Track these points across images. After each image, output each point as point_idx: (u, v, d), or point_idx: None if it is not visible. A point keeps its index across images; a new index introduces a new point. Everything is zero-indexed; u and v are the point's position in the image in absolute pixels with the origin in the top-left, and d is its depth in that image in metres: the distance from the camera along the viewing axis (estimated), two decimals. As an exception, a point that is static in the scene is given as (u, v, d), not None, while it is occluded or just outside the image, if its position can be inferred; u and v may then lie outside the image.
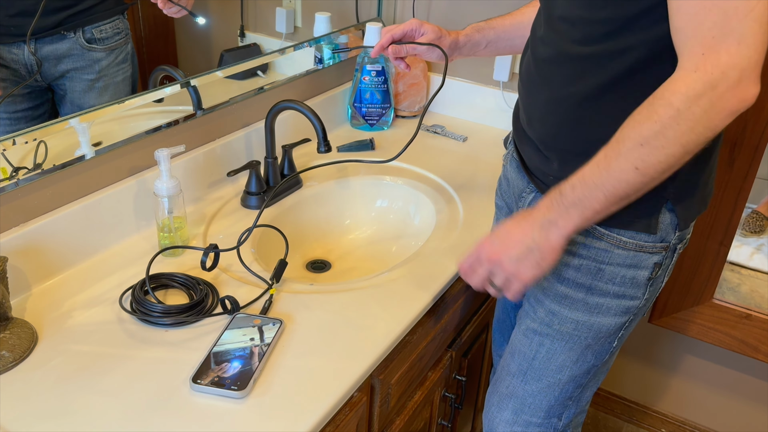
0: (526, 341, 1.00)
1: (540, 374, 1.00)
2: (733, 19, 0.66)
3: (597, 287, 0.92)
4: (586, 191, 0.79)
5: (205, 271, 1.01)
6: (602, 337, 0.96)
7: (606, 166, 0.76)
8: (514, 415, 1.03)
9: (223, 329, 0.91)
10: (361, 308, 0.98)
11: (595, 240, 0.90)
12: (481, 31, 1.10)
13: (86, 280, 1.02)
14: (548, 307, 0.96)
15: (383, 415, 1.00)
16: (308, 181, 1.35)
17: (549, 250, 0.84)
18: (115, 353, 0.88)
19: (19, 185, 0.96)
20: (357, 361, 0.88)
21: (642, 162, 0.73)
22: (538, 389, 1.01)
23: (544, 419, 1.02)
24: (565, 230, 0.82)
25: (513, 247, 0.85)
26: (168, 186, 1.05)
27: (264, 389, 0.83)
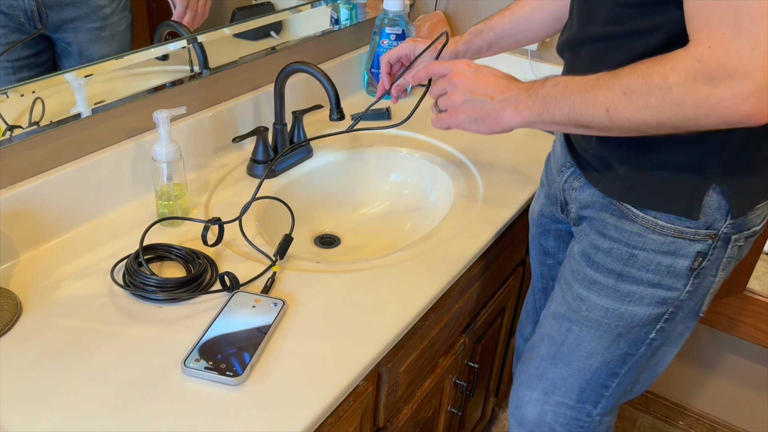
0: (555, 324, 0.95)
1: (569, 359, 0.94)
2: (746, 19, 0.61)
3: (629, 274, 0.86)
4: (559, 97, 0.77)
5: (207, 246, 0.94)
6: (635, 326, 0.89)
7: (589, 87, 0.73)
8: (544, 395, 0.98)
9: (221, 308, 0.84)
10: (370, 290, 0.90)
11: (627, 222, 0.84)
12: (480, 34, 1.06)
13: (78, 248, 0.95)
14: (576, 291, 0.91)
15: (390, 405, 0.94)
16: (319, 151, 1.27)
17: (493, 118, 0.83)
18: (104, 330, 0.81)
19: (13, 141, 0.89)
20: (364, 348, 0.81)
21: (615, 108, 0.71)
22: (569, 373, 0.95)
23: (577, 402, 0.96)
24: (520, 115, 0.81)
25: (477, 88, 0.84)
26: (167, 150, 0.98)
27: (261, 376, 0.76)
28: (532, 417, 1.00)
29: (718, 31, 0.62)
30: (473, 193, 1.16)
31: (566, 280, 0.93)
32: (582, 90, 0.74)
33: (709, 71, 0.63)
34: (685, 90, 0.65)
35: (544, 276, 1.14)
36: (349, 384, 0.77)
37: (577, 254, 0.92)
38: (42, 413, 0.70)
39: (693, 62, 0.64)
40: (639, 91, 0.68)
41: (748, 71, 0.61)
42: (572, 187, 0.93)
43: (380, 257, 0.98)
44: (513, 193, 1.15)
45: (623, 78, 0.70)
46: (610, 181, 0.85)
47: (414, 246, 1.01)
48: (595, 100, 0.72)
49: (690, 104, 0.65)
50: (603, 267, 0.87)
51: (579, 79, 0.75)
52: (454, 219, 1.09)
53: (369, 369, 0.80)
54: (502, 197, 1.14)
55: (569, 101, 0.75)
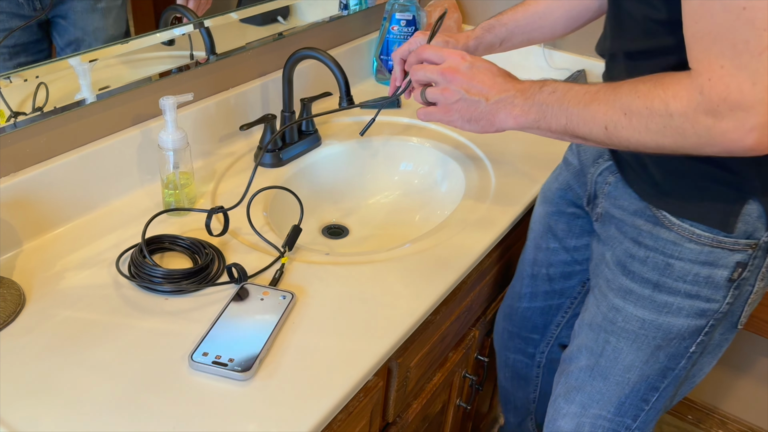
0: (592, 336, 0.91)
1: (607, 372, 0.90)
2: (745, 54, 0.59)
3: (665, 284, 0.82)
4: (556, 106, 0.74)
5: (212, 236, 0.92)
6: (674, 338, 0.85)
7: (588, 101, 0.72)
8: (581, 408, 0.94)
9: (228, 300, 0.82)
10: (380, 283, 0.88)
11: (663, 230, 0.80)
12: (492, 30, 1.02)
13: (82, 237, 0.93)
14: (612, 301, 0.87)
15: (400, 400, 0.92)
16: (327, 139, 1.24)
17: (487, 120, 0.80)
18: (109, 321, 0.79)
19: (18, 128, 0.87)
20: (375, 343, 0.79)
21: (614, 127, 0.69)
22: (606, 387, 0.91)
23: (615, 416, 0.92)
24: (515, 120, 0.78)
25: (472, 87, 0.80)
26: (174, 138, 0.96)
27: (270, 371, 0.74)
28: (568, 430, 0.96)
29: (716, 65, 0.61)
30: (485, 185, 1.13)
31: (601, 290, 0.89)
32: (581, 102, 0.72)
33: (710, 104, 0.62)
34: (686, 120, 0.63)
35: (538, 262, 1.08)
36: (360, 380, 0.75)
37: (611, 262, 0.88)
38: (45, 408, 0.68)
39: (695, 93, 0.63)
40: (639, 114, 0.67)
41: (750, 106, 0.60)
42: (606, 182, 0.90)
43: (390, 249, 0.96)
44: (526, 184, 1.13)
45: (623, 96, 0.68)
46: (645, 184, 0.82)
47: (425, 238, 0.99)
48: (594, 116, 0.71)
49: (691, 134, 0.64)
50: (639, 276, 0.84)
51: (578, 88, 0.73)
52: (465, 211, 1.07)
53: (380, 364, 0.78)
54: (514, 189, 1.12)
55: (567, 112, 0.74)
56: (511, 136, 1.28)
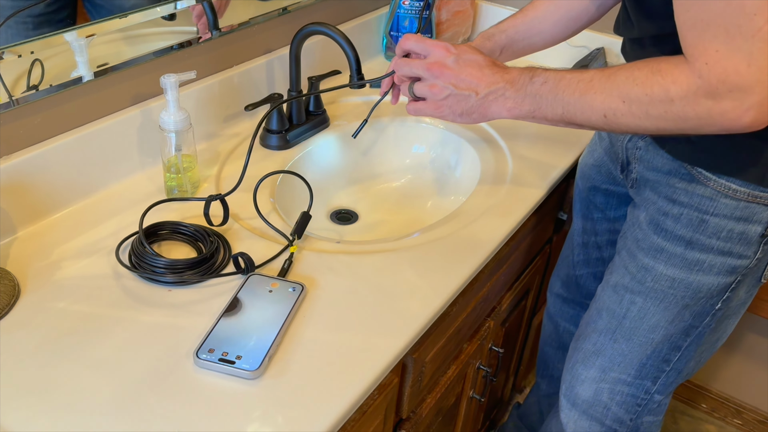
0: (615, 298, 0.91)
1: (631, 333, 0.91)
2: (738, 38, 0.61)
3: (698, 241, 0.82)
4: (551, 96, 0.75)
5: (211, 226, 0.87)
6: (702, 297, 0.85)
7: (584, 90, 0.73)
8: (601, 373, 0.95)
9: (235, 292, 0.78)
10: (395, 274, 0.84)
11: (698, 185, 0.80)
12: (492, 38, 1.00)
13: (80, 224, 0.89)
14: (642, 261, 0.87)
15: (414, 395, 0.88)
16: (336, 120, 1.19)
17: (479, 113, 0.80)
18: (109, 315, 0.75)
19: (16, 106, 0.82)
20: (390, 338, 0.75)
21: (613, 115, 0.71)
22: (629, 348, 0.92)
23: (635, 378, 0.93)
24: (509, 112, 0.79)
25: (461, 81, 0.79)
26: (176, 119, 0.90)
27: (280, 369, 0.70)
28: (586, 396, 0.97)
29: (711, 49, 0.63)
30: (501, 169, 1.08)
31: (629, 251, 0.89)
32: (576, 91, 0.73)
33: (710, 87, 0.63)
34: (687, 103, 0.65)
35: (587, 230, 1.10)
36: (376, 378, 0.71)
37: (643, 222, 0.88)
38: (41, 408, 0.64)
39: (693, 78, 0.64)
40: (639, 101, 0.68)
41: (747, 86, 0.62)
42: (637, 147, 0.89)
43: (404, 238, 0.91)
44: (544, 168, 1.08)
45: (620, 85, 0.70)
46: (679, 144, 0.81)
47: (440, 226, 0.94)
48: (591, 104, 0.72)
49: (692, 116, 0.66)
50: (671, 234, 0.83)
51: (570, 77, 0.74)
52: (481, 196, 1.02)
53: (396, 361, 0.74)
54: (532, 173, 1.07)
55: (562, 102, 0.74)
56: (528, 117, 1.22)
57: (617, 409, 0.96)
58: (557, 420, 1.05)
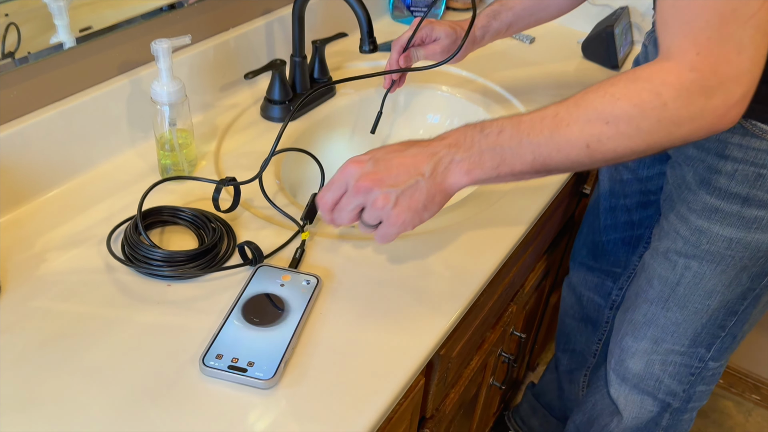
0: (667, 265, 0.87)
1: (685, 301, 0.87)
2: (732, 23, 0.57)
3: (756, 197, 0.77)
4: (515, 143, 0.63)
5: (219, 212, 0.79)
6: (761, 257, 0.81)
7: (553, 127, 0.61)
8: (653, 344, 0.91)
9: (243, 287, 0.70)
10: (419, 262, 0.76)
11: (753, 139, 0.75)
12: (498, 16, 0.95)
13: (66, 209, 0.80)
14: (695, 224, 0.82)
15: (439, 393, 0.81)
16: (343, 88, 1.10)
17: (440, 193, 0.65)
18: (102, 315, 0.67)
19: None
20: (418, 336, 0.67)
21: (597, 142, 0.60)
22: (683, 317, 0.88)
23: (689, 347, 0.90)
24: (467, 177, 0.64)
25: (394, 175, 0.64)
26: (170, 90, 0.81)
27: (297, 376, 0.62)
28: (637, 370, 0.94)
29: (702, 36, 0.57)
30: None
31: (679, 213, 0.84)
32: (544, 129, 0.62)
33: (703, 79, 0.58)
34: (681, 104, 0.59)
35: (615, 193, 1.05)
36: (406, 382, 0.63)
37: (692, 182, 0.82)
38: (27, 424, 0.56)
39: (685, 73, 0.59)
40: (628, 117, 0.60)
41: (736, 76, 0.58)
42: None
43: (425, 220, 0.83)
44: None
45: (597, 107, 0.60)
46: None
47: (464, 206, 0.85)
48: (568, 138, 0.61)
49: (686, 119, 0.60)
50: (726, 192, 0.79)
51: (528, 118, 0.63)
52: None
53: (426, 361, 0.67)
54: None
55: (531, 145, 0.62)
56: (547, 79, 1.14)
57: (670, 381, 0.94)
58: (602, 395, 1.02)
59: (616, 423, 1.00)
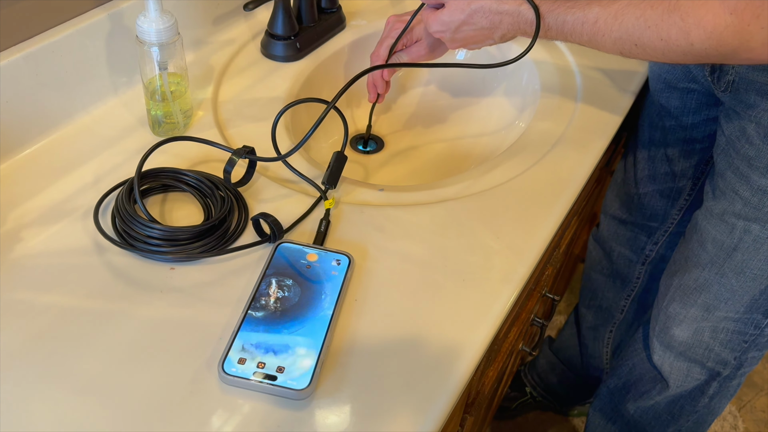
0: (723, 228, 0.79)
1: (742, 266, 0.79)
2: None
3: None
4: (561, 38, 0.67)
5: (228, 186, 0.66)
6: None
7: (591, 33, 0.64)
8: (704, 311, 0.84)
9: (263, 271, 0.58)
10: (463, 233, 0.65)
11: None
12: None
13: (41, 174, 0.67)
14: (757, 183, 0.74)
15: (478, 379, 0.72)
16: (354, 19, 0.95)
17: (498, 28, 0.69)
18: (93, 309, 0.55)
19: None
20: (473, 325, 0.57)
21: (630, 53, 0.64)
22: (739, 283, 0.80)
23: (744, 314, 0.83)
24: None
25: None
26: (159, 27, 0.67)
27: (335, 382, 0.52)
28: (683, 338, 0.87)
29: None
30: (568, 82, 0.87)
31: (738, 171, 0.76)
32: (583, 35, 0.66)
33: (741, 25, 0.55)
34: (710, 45, 0.57)
35: (655, 141, 0.95)
36: (462, 385, 0.54)
37: (753, 136, 0.73)
38: (15, 460, 0.46)
39: (723, 15, 0.55)
40: (653, 47, 0.61)
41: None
42: None
43: (461, 181, 0.72)
44: (623, 78, 0.87)
45: (629, 28, 0.61)
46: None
47: (505, 162, 0.74)
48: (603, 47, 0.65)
49: (714, 56, 0.59)
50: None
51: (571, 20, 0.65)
52: (546, 121, 0.81)
53: (483, 355, 0.57)
54: (606, 89, 0.86)
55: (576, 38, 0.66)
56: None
57: (721, 349, 0.86)
58: (641, 360, 0.96)
59: (659, 390, 0.93)
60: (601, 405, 1.06)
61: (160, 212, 0.64)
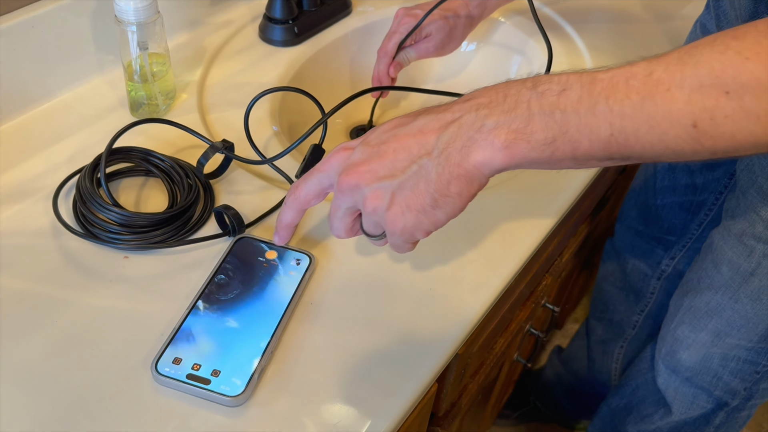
0: (741, 250, 0.74)
1: (759, 293, 0.74)
2: None
3: None
4: (584, 109, 0.40)
5: (200, 179, 0.63)
6: None
7: (646, 92, 0.39)
8: (714, 337, 0.79)
9: (216, 266, 0.56)
10: (436, 239, 0.60)
11: None
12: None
13: (12, 152, 0.66)
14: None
15: (454, 392, 0.68)
16: (360, 5, 0.91)
17: (457, 178, 0.43)
18: (41, 294, 0.54)
19: None
20: (433, 336, 0.53)
21: (710, 121, 0.38)
22: (754, 310, 0.75)
23: (758, 344, 0.77)
24: (504, 153, 0.41)
25: (389, 161, 0.44)
26: (137, 6, 0.64)
27: (275, 389, 0.49)
28: (691, 363, 0.82)
29: None
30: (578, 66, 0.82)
31: (762, 190, 0.70)
32: (631, 94, 0.39)
33: None
34: None
35: None
36: (417, 397, 0.50)
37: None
38: (-68, 447, 0.45)
39: None
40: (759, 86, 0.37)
41: None
42: None
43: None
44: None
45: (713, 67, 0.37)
46: None
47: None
48: (668, 111, 0.39)
49: None
50: None
51: (604, 76, 0.40)
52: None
53: (443, 368, 0.53)
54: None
55: (609, 116, 0.40)
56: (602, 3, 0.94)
57: (730, 378, 0.81)
58: (645, 381, 0.91)
59: (662, 415, 0.87)
60: (601, 424, 1.01)
61: (125, 196, 0.62)
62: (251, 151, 0.66)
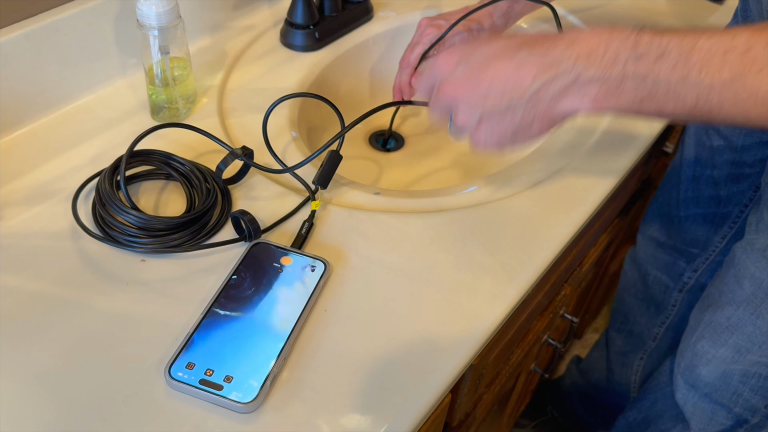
0: (764, 265, 0.72)
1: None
2: None
3: None
4: (676, 78, 0.44)
5: (218, 184, 0.63)
6: None
7: (739, 68, 0.41)
8: (734, 353, 0.77)
9: (231, 272, 0.56)
10: (454, 249, 0.60)
11: None
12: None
13: (34, 153, 0.66)
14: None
15: (468, 402, 0.67)
16: (381, 10, 0.91)
17: (541, 120, 0.49)
18: (56, 296, 0.54)
19: None
20: (447, 347, 0.53)
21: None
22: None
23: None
24: (590, 104, 0.47)
25: (484, 89, 0.50)
26: (159, 10, 0.65)
27: (288, 395, 0.49)
28: (710, 379, 0.80)
29: None
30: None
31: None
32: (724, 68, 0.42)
33: None
34: None
35: (702, 161, 0.87)
36: (429, 408, 0.50)
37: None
38: (-52, 446, 0.45)
39: None
40: None
41: None
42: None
43: (465, 190, 0.67)
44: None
45: None
46: None
47: (515, 174, 0.69)
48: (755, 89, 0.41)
49: None
50: None
51: (706, 45, 0.43)
52: (570, 131, 0.75)
53: (456, 379, 0.53)
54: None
55: (698, 88, 0.43)
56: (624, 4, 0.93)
57: (751, 395, 0.78)
58: (664, 395, 0.89)
59: (680, 431, 0.86)
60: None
61: (145, 199, 0.63)
62: (270, 157, 0.66)
